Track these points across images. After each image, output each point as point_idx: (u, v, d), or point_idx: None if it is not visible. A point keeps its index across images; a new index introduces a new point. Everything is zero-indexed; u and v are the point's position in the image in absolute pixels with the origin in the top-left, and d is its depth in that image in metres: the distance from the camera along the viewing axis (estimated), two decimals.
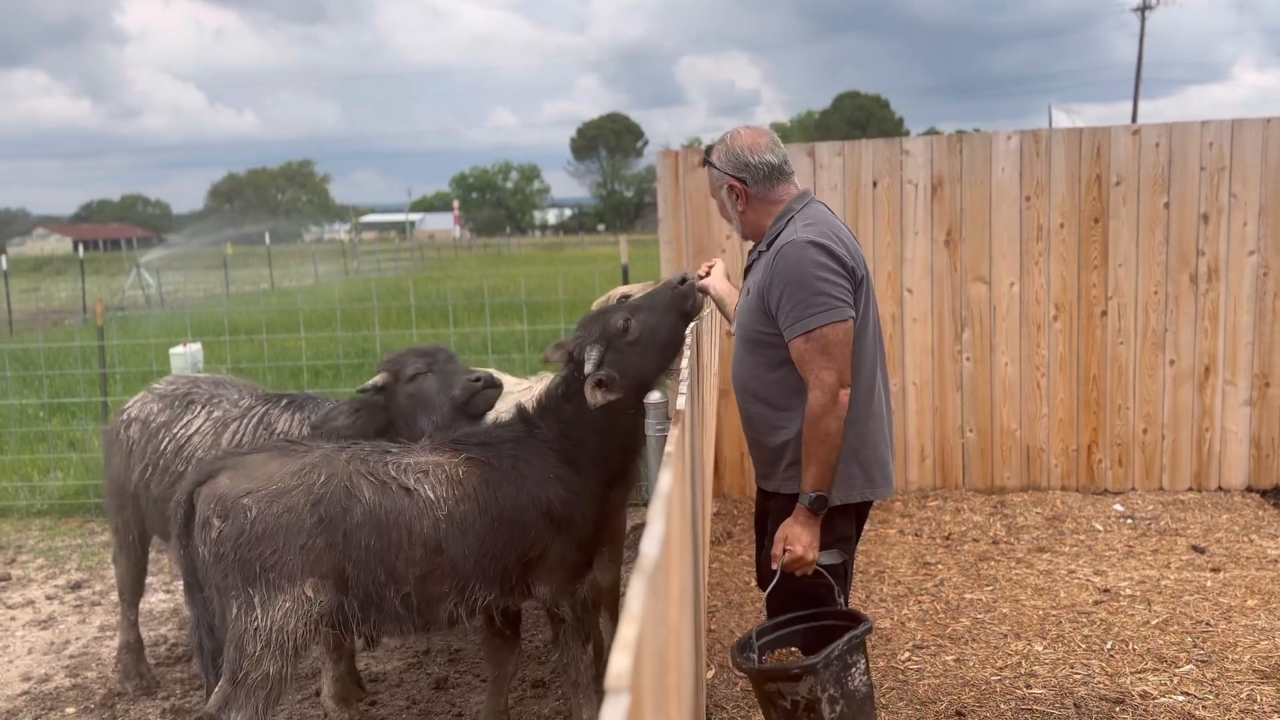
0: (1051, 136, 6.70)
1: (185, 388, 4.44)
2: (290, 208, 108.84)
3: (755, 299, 3.14)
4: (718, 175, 3.25)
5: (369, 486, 3.20)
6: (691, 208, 6.84)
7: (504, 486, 3.32)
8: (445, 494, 3.25)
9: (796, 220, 3.13)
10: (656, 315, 3.43)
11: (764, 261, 3.14)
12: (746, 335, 3.22)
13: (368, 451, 3.31)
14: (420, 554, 3.21)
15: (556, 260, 36.04)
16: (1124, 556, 5.63)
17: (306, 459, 3.22)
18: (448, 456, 3.36)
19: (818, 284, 2.97)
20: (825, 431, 2.96)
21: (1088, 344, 6.74)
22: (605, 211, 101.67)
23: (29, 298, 28.30)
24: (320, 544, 3.10)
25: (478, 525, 3.26)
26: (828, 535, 3.11)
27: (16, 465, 8.06)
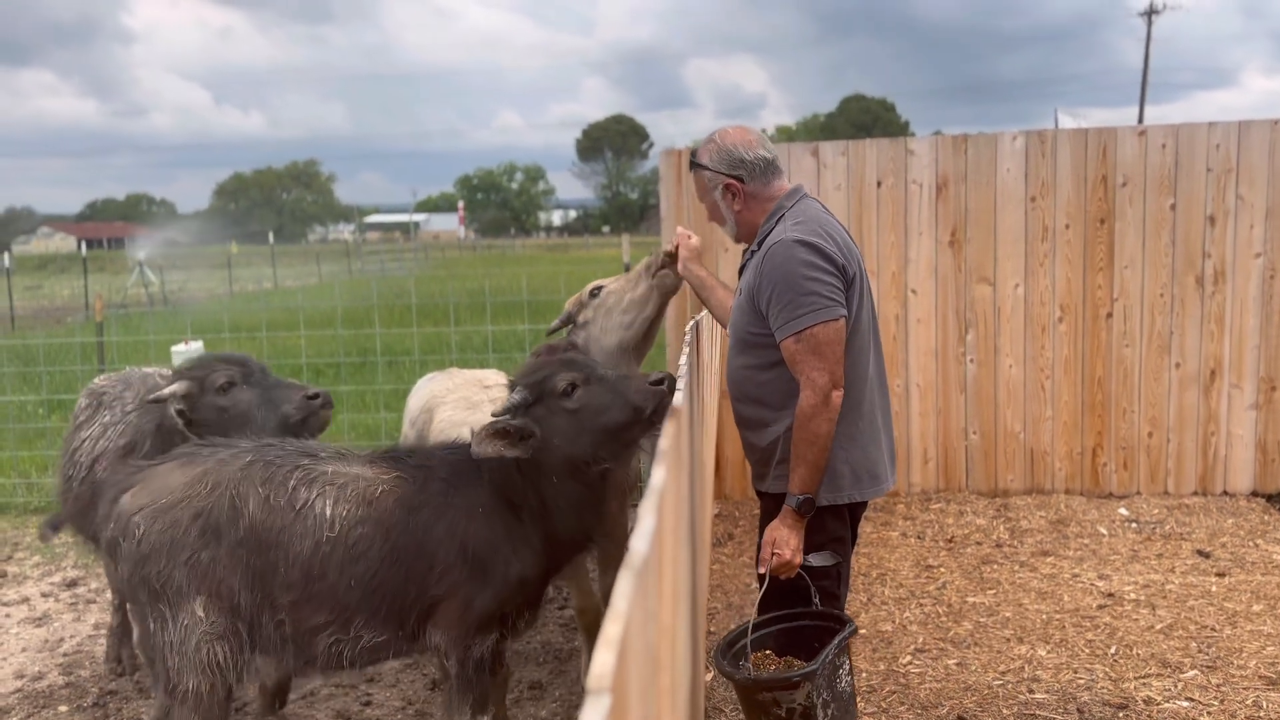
0: (1057, 137, 6.65)
1: (111, 385, 4.35)
2: (295, 207, 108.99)
3: (746, 300, 3.10)
4: (710, 176, 3.18)
5: (255, 499, 2.95)
6: (695, 207, 6.80)
7: (422, 512, 3.02)
8: (344, 513, 2.96)
9: (787, 218, 3.08)
10: (609, 397, 2.98)
11: (754, 261, 3.10)
12: (739, 336, 3.18)
13: (283, 454, 3.05)
14: (297, 577, 2.94)
15: (560, 261, 36.04)
16: (1128, 560, 5.57)
17: (202, 467, 3.01)
18: (377, 471, 3.10)
19: (807, 283, 2.92)
20: (815, 433, 2.92)
21: (1093, 346, 6.69)
22: (610, 213, 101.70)
23: (32, 295, 28.36)
24: (205, 559, 2.91)
25: (374, 552, 2.96)
26: (819, 536, 3.07)
27: (14, 462, 8.03)
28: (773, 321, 2.98)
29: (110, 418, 4.14)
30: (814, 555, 3.06)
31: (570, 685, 4.45)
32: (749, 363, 3.13)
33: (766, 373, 3.09)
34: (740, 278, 3.29)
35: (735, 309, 3.23)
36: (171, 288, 29.14)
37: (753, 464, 3.28)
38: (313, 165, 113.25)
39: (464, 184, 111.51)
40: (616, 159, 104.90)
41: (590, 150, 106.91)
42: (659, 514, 1.37)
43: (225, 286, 29.15)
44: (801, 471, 2.95)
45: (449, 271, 30.05)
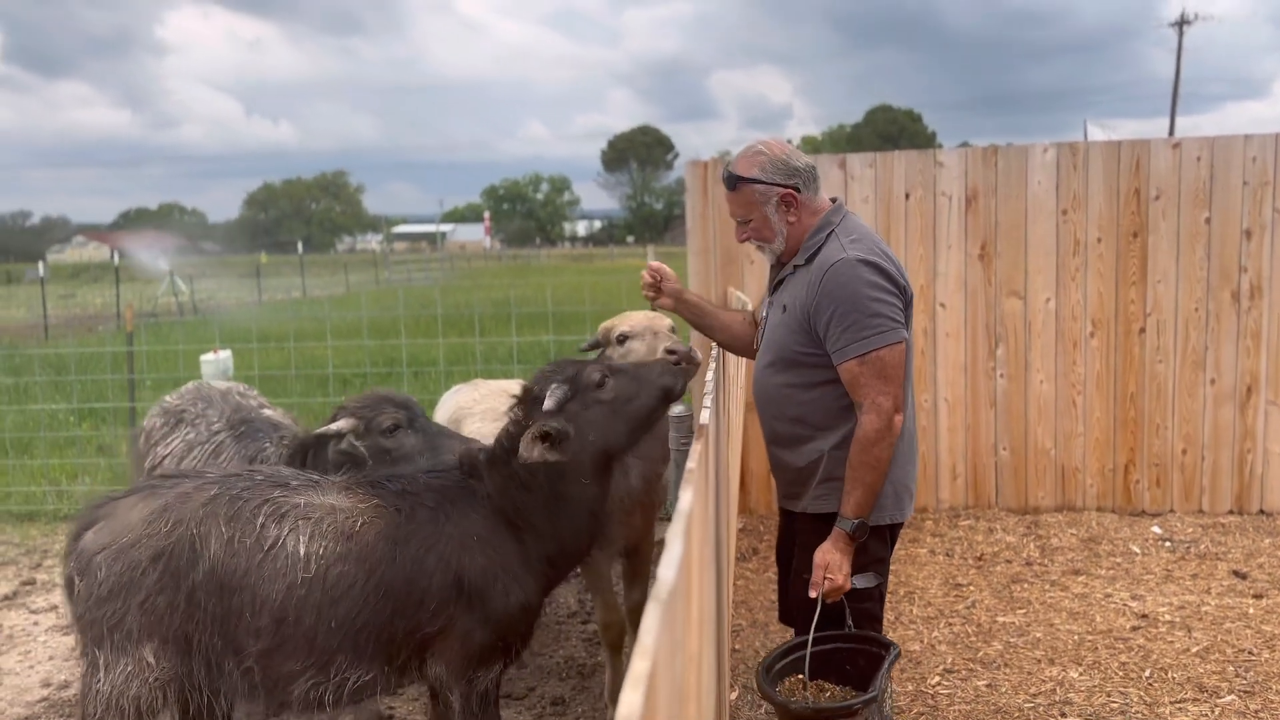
0: (1089, 149, 6.56)
1: (188, 401, 4.23)
2: (324, 218, 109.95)
3: (794, 317, 3.00)
4: (764, 190, 3.02)
5: (218, 538, 2.76)
6: (720, 219, 6.76)
7: (410, 544, 2.84)
8: (322, 550, 2.77)
9: (839, 235, 2.99)
10: (638, 386, 3.01)
11: (806, 279, 2.99)
12: (781, 354, 3.09)
13: (250, 487, 2.88)
14: (267, 623, 2.74)
15: (585, 271, 36.10)
16: (1162, 580, 5.46)
17: (162, 501, 2.84)
18: (355, 501, 2.90)
19: (872, 304, 2.86)
20: (877, 458, 2.87)
21: (1125, 362, 6.58)
22: (635, 223, 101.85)
23: (66, 304, 28.73)
24: (161, 603, 2.74)
25: (357, 590, 2.77)
26: (861, 557, 3.02)
27: (45, 469, 8.11)
28: (832, 343, 2.91)
29: (195, 435, 4.01)
30: (858, 577, 3.01)
31: (593, 701, 4.40)
32: (792, 381, 3.06)
33: (810, 392, 3.03)
34: (773, 292, 3.21)
35: (775, 325, 3.12)
36: (201, 297, 29.44)
37: (784, 483, 3.22)
38: (341, 176, 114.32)
39: (490, 194, 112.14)
40: (641, 170, 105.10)
41: (615, 161, 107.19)
42: (686, 539, 1.34)
43: (254, 296, 29.40)
44: (858, 495, 2.90)
45: (474, 282, 30.16)
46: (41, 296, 20.41)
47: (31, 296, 21.20)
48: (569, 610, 5.48)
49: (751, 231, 3.12)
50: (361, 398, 3.72)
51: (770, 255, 3.16)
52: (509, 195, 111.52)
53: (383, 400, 3.61)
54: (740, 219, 3.13)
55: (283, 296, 30.85)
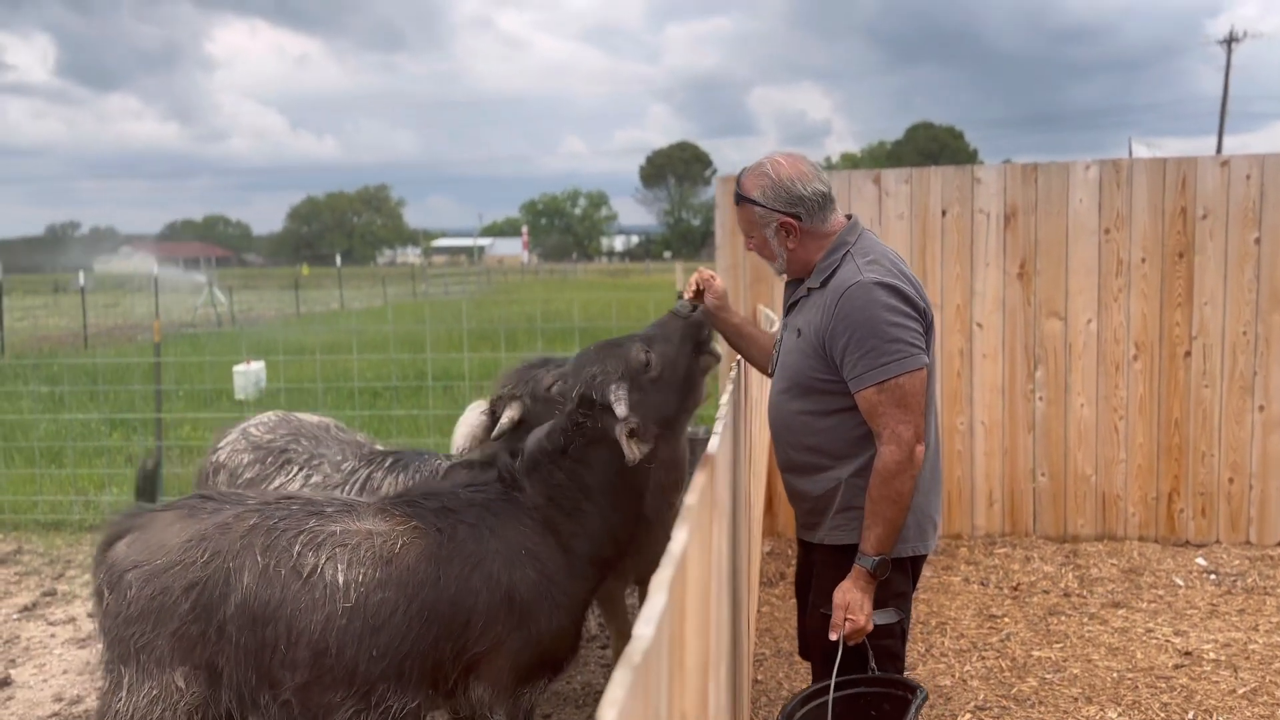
0: (1133, 167, 6.35)
1: (283, 439, 3.82)
2: (365, 231, 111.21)
3: (809, 343, 2.87)
4: (763, 213, 2.90)
5: (252, 568, 2.68)
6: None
7: (453, 564, 2.75)
8: (360, 577, 2.68)
9: (854, 256, 2.85)
10: (674, 347, 3.05)
11: (821, 302, 2.85)
12: (796, 380, 2.94)
13: (285, 515, 2.79)
14: (305, 655, 2.65)
15: (620, 286, 36.07)
16: (1207, 616, 5.22)
17: (201, 528, 2.77)
18: (391, 524, 2.79)
19: (891, 329, 2.71)
20: (898, 491, 2.72)
21: (1170, 386, 6.35)
22: (672, 239, 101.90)
23: (109, 313, 29.16)
24: (194, 633, 2.69)
25: (399, 618, 2.68)
26: (882, 592, 2.86)
27: (74, 479, 8.14)
28: (848, 369, 2.77)
29: (320, 478, 3.61)
30: (878, 613, 2.85)
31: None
32: (807, 408, 2.91)
33: (826, 419, 2.88)
34: (787, 314, 3.08)
35: (790, 350, 2.98)
36: (242, 308, 29.77)
37: (800, 512, 3.07)
38: (383, 190, 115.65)
39: (529, 209, 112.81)
40: (679, 185, 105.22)
41: (653, 177, 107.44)
42: (674, 588, 1.21)
43: (294, 308, 29.67)
44: (879, 531, 2.74)
45: (509, 296, 30.23)
46: (82, 305, 20.71)
47: (76, 305, 21.52)
48: (589, 634, 5.35)
49: (756, 249, 3.05)
50: (503, 381, 3.49)
51: (777, 268, 3.07)
52: (547, 210, 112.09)
53: (523, 372, 3.41)
54: (746, 233, 3.05)
55: (321, 309, 31.12)
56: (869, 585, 2.78)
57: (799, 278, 3.03)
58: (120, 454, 8.91)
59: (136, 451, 8.75)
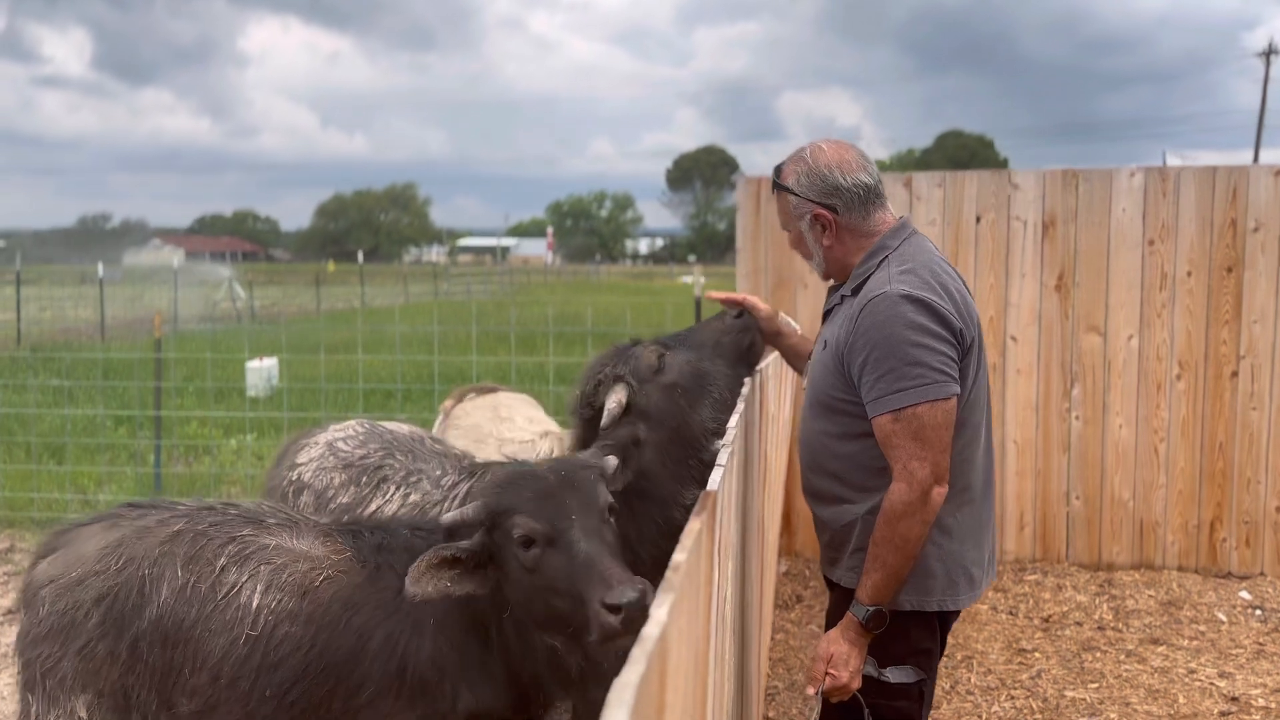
0: (1180, 175, 6.01)
1: (377, 454, 3.39)
2: (392, 229, 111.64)
3: (832, 357, 2.54)
4: (796, 202, 2.59)
5: (171, 583, 2.37)
6: (772, 238, 6.34)
7: (362, 614, 2.35)
8: (273, 604, 2.36)
9: (891, 262, 2.51)
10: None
11: (848, 312, 2.52)
12: (818, 397, 2.62)
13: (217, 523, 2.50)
14: (203, 682, 2.34)
15: (641, 290, 35.79)
16: (1253, 657, 4.88)
17: (119, 535, 2.49)
18: (327, 551, 2.46)
19: (913, 351, 2.36)
20: (903, 535, 2.37)
21: (1214, 407, 5.99)
22: (697, 243, 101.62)
23: (133, 306, 29.18)
24: (101, 652, 2.39)
25: (298, 659, 2.32)
26: (900, 646, 2.52)
27: (73, 476, 7.95)
28: (865, 391, 2.44)
29: (419, 496, 3.22)
30: (892, 670, 2.50)
31: None
32: (828, 429, 2.60)
33: (848, 444, 2.54)
34: (824, 322, 2.74)
35: (816, 363, 2.67)
36: (265, 303, 29.75)
37: (822, 545, 2.73)
38: (410, 188, 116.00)
39: (555, 210, 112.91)
40: (705, 189, 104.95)
41: (680, 180, 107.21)
42: (649, 682, 0.93)
43: (315, 304, 29.59)
44: (876, 578, 2.39)
45: (529, 297, 30.02)
46: (100, 298, 20.68)
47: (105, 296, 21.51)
48: None
49: (793, 243, 2.73)
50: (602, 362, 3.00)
51: (816, 270, 2.73)
52: (573, 211, 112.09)
53: (619, 353, 2.94)
54: (782, 225, 2.73)
55: (343, 305, 31.03)
56: (859, 638, 2.43)
57: (838, 280, 2.70)
58: (124, 451, 8.72)
59: (139, 449, 8.56)
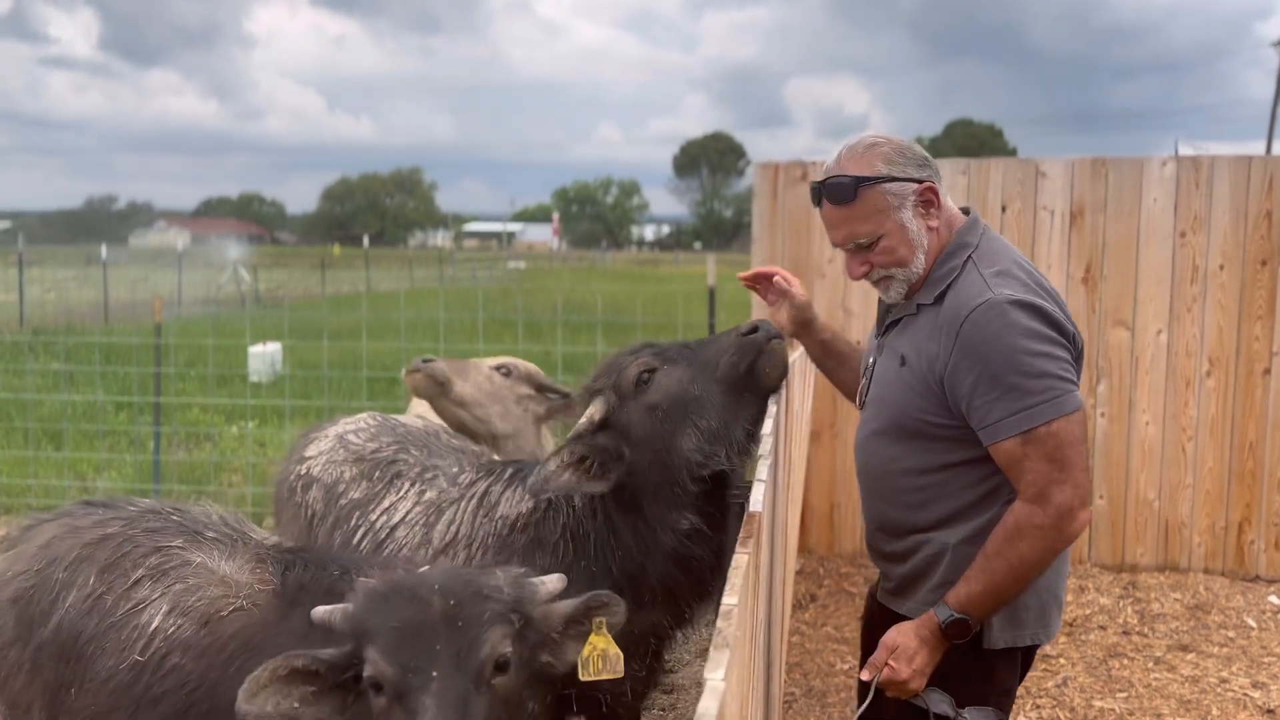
0: (1214, 165, 5.80)
1: (390, 448, 3.24)
2: (398, 213, 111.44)
3: (918, 375, 2.25)
4: (897, 188, 2.24)
5: (81, 588, 2.16)
6: (789, 226, 6.15)
7: (256, 658, 1.96)
8: (171, 630, 2.09)
9: (978, 264, 2.23)
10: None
11: (934, 323, 2.24)
12: (897, 420, 2.32)
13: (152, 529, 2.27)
14: (85, 705, 2.09)
15: (648, 278, 35.58)
16: None
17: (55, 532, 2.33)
18: (250, 578, 2.16)
19: (1035, 361, 2.10)
20: (1021, 557, 2.11)
21: (1245, 406, 5.80)
22: (703, 230, 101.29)
23: (139, 288, 29.07)
24: (12, 657, 2.20)
25: (179, 697, 2.03)
26: (983, 685, 2.27)
27: (72, 463, 7.81)
28: (978, 415, 2.15)
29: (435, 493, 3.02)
30: (972, 710, 2.25)
31: None
32: (911, 458, 2.29)
33: (936, 474, 2.26)
34: (884, 333, 2.43)
35: (889, 382, 2.34)
36: (270, 286, 29.58)
37: (887, 575, 2.45)
38: (416, 172, 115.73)
39: (560, 196, 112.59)
40: (712, 176, 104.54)
41: (687, 167, 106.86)
42: None
43: (320, 288, 29.42)
44: (975, 589, 2.14)
45: (536, 284, 29.82)
46: (103, 281, 20.53)
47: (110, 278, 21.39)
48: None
49: (882, 255, 2.28)
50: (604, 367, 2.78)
51: (900, 287, 2.33)
52: (579, 197, 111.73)
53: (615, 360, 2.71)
54: (864, 239, 2.28)
55: (349, 289, 30.86)
56: (933, 639, 2.19)
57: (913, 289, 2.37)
58: (124, 437, 8.57)
59: (139, 435, 8.40)
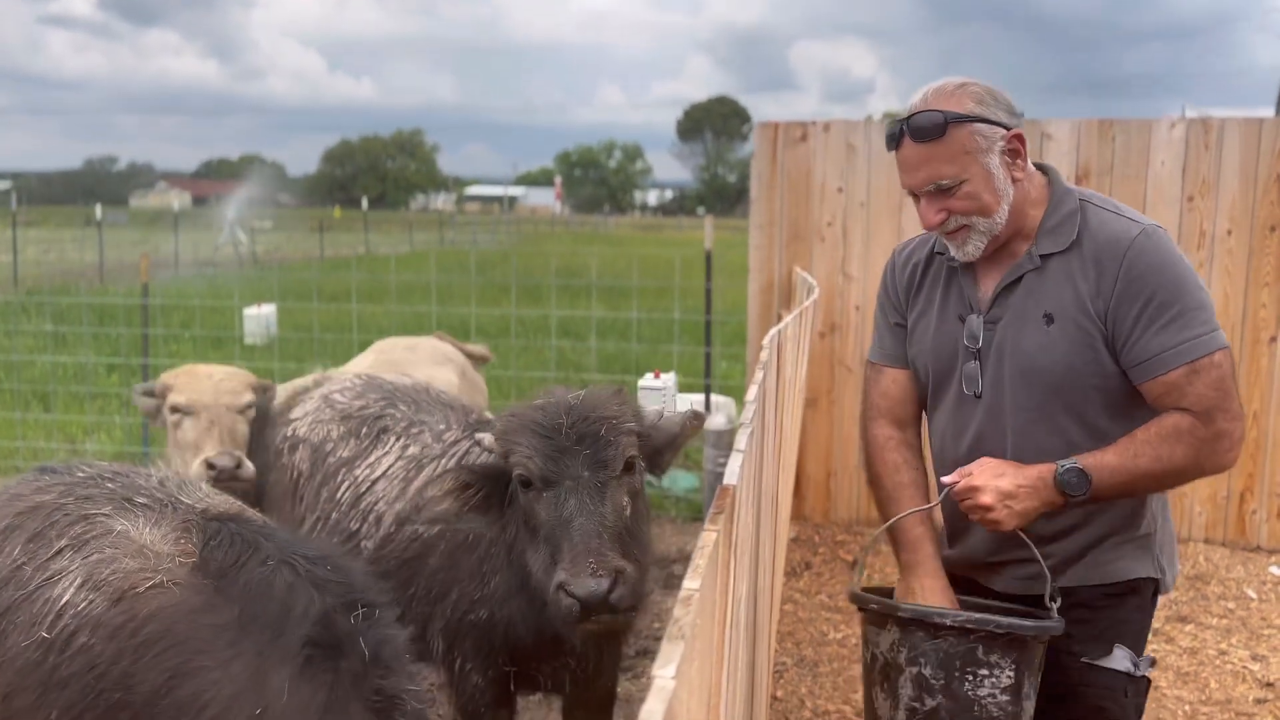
0: (1224, 127, 5.64)
1: (377, 404, 3.21)
2: (399, 175, 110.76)
3: (1077, 326, 2.04)
4: (986, 131, 2.04)
5: (6, 557, 2.02)
6: (789, 187, 6.01)
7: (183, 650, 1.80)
8: (82, 605, 1.90)
9: (1099, 204, 2.11)
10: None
11: (1078, 265, 2.05)
12: (1058, 386, 2.08)
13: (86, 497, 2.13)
14: None
15: (649, 242, 35.36)
16: None
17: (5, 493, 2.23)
18: (174, 548, 1.97)
19: (1198, 293, 2.02)
20: (1173, 465, 2.00)
21: (1250, 374, 5.69)
22: (706, 195, 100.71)
23: (136, 249, 28.94)
24: None
25: (87, 680, 1.82)
26: (1136, 624, 2.18)
27: (62, 425, 7.73)
28: (1142, 345, 2.00)
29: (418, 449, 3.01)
30: (1145, 660, 2.15)
31: None
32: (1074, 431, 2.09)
33: (1097, 442, 2.08)
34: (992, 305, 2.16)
35: (1036, 348, 2.08)
36: (269, 248, 29.41)
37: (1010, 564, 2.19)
38: (418, 135, 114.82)
39: (563, 160, 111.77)
40: (716, 140, 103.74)
41: (690, 131, 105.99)
42: None
43: (318, 250, 29.25)
44: (1113, 462, 1.99)
45: (535, 248, 29.64)
46: (99, 241, 20.39)
47: (109, 240, 21.26)
48: None
49: (964, 200, 2.07)
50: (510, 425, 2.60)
51: (978, 240, 2.11)
52: (582, 161, 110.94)
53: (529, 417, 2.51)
54: (947, 182, 2.06)
55: (348, 252, 30.69)
56: (1041, 487, 1.99)
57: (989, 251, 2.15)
58: (114, 399, 8.48)
59: (129, 397, 8.32)
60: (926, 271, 2.30)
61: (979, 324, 2.17)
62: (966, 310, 2.20)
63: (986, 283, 2.18)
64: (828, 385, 6.01)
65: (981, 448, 2.15)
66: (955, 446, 2.22)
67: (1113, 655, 2.12)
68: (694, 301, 9.37)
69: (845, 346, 6.01)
